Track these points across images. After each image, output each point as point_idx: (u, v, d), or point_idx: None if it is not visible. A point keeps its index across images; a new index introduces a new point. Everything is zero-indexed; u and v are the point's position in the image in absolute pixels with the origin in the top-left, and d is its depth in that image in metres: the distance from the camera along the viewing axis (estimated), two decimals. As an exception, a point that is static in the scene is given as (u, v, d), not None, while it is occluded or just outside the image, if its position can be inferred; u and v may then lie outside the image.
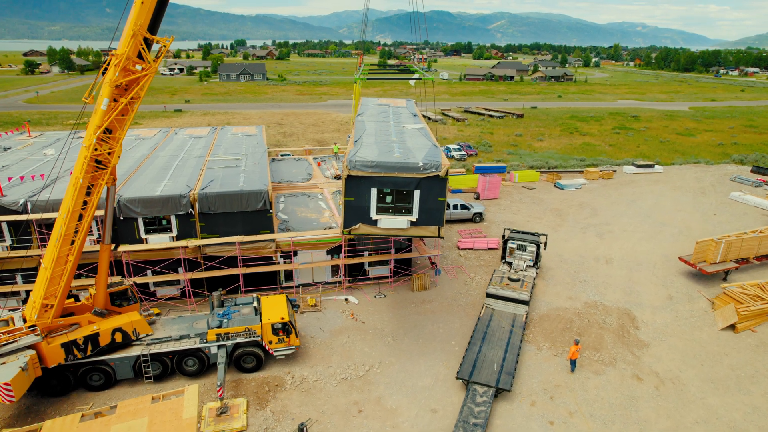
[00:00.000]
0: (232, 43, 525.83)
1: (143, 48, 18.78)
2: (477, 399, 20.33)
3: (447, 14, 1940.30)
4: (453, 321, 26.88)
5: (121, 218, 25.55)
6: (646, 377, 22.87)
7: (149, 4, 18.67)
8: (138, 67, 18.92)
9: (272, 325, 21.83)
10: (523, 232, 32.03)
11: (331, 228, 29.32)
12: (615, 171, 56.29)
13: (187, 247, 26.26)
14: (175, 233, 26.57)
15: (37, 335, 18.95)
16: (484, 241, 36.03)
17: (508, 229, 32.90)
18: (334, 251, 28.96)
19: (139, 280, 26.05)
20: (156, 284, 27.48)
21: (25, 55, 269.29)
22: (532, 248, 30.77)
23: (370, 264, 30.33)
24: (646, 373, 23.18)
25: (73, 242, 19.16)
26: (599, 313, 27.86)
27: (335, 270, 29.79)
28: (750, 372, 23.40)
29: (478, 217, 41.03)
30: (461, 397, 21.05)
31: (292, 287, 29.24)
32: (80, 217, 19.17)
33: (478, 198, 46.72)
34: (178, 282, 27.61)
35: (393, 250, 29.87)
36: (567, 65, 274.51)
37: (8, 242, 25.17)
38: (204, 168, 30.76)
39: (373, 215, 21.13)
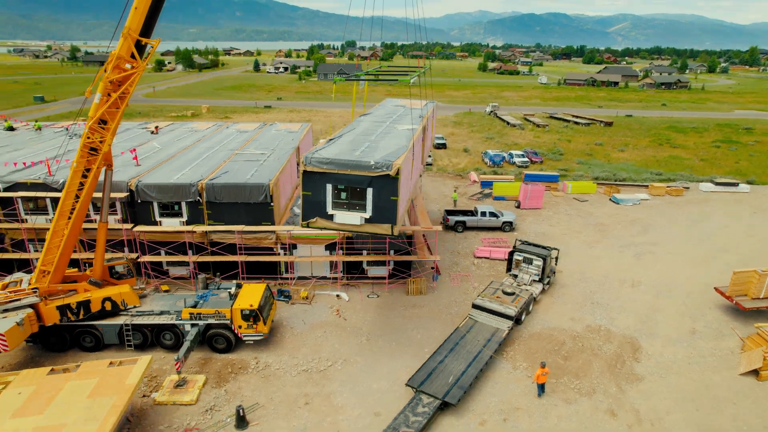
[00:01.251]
0: (343, 44, 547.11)
1: (135, 49, 20.84)
2: (418, 408, 19.90)
3: (564, 16, 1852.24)
4: (435, 328, 26.32)
5: (139, 201, 28.43)
6: (623, 414, 20.76)
7: (142, 10, 20.65)
8: (128, 65, 21.04)
9: (241, 311, 23.06)
10: (533, 245, 30.34)
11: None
12: (687, 188, 50.68)
13: (194, 232, 28.49)
14: (185, 218, 28.96)
15: (36, 297, 21.89)
16: (501, 251, 34.59)
17: (519, 240, 31.32)
18: (333, 247, 29.64)
19: (150, 258, 28.77)
20: (169, 263, 30.13)
21: (162, 54, 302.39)
22: (539, 262, 29.05)
23: (369, 263, 30.59)
24: (625, 409, 21.03)
25: (69, 218, 21.83)
26: (598, 339, 25.65)
27: (335, 266, 30.47)
28: (756, 426, 20.28)
29: (507, 226, 39.38)
30: (409, 405, 20.70)
31: (291, 279, 30.41)
32: (77, 197, 21.80)
33: (518, 207, 44.75)
34: (188, 263, 30.04)
35: (392, 252, 29.88)
36: (687, 71, 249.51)
37: (50, 215, 29.12)
38: (227, 160, 32.99)
39: (329, 210, 21.56)
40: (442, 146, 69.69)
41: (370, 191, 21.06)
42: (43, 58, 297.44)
